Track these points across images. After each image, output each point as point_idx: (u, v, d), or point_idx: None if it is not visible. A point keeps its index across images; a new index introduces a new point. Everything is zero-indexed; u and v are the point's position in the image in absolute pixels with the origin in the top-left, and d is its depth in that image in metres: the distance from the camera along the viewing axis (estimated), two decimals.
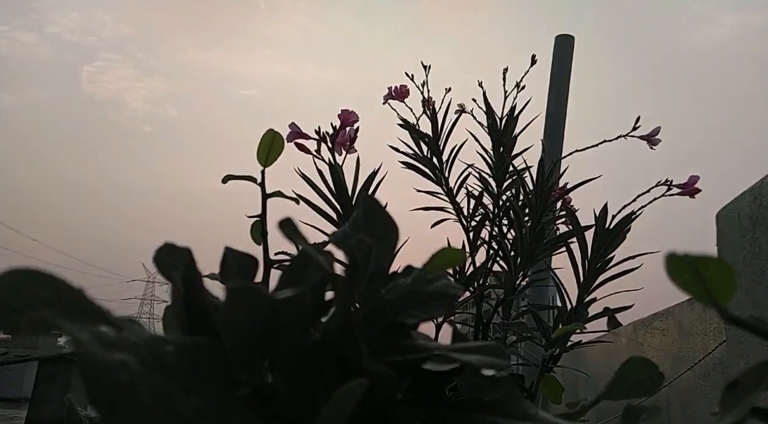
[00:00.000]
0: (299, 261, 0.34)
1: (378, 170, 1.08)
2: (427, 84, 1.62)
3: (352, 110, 1.06)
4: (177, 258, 0.33)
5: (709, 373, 1.36)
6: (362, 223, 0.37)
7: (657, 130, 1.15)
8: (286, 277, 0.34)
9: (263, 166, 0.70)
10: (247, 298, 0.22)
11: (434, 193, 1.61)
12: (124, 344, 0.19)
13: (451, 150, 1.61)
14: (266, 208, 0.70)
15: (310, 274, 0.33)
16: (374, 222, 0.36)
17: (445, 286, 0.32)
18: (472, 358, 0.29)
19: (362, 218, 0.37)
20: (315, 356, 0.24)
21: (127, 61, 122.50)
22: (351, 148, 1.09)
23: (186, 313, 0.29)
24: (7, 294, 0.21)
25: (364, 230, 0.36)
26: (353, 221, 0.38)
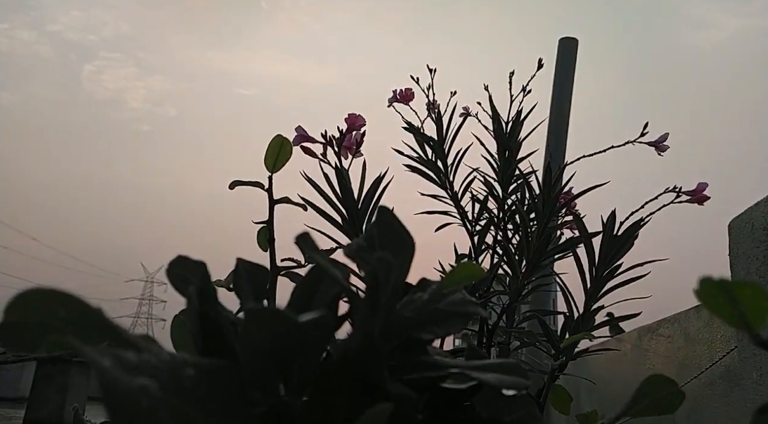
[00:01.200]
0: (314, 274, 0.34)
1: (384, 175, 1.08)
2: (432, 87, 1.62)
3: (359, 114, 1.05)
4: (190, 272, 0.33)
5: (715, 381, 1.35)
6: (377, 235, 0.36)
7: (665, 137, 1.15)
8: (300, 290, 0.33)
9: (271, 171, 0.70)
10: (268, 320, 0.22)
11: (438, 197, 1.60)
12: (145, 367, 0.19)
13: (456, 153, 1.60)
14: (273, 214, 0.70)
15: (325, 288, 0.32)
16: (389, 235, 0.36)
17: (463, 302, 0.32)
18: (491, 377, 0.29)
19: (377, 230, 0.37)
20: (335, 376, 0.24)
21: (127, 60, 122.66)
22: (357, 152, 1.09)
23: (200, 328, 0.29)
24: (26, 313, 0.20)
25: (379, 242, 0.36)
26: (368, 233, 0.37)
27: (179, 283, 0.33)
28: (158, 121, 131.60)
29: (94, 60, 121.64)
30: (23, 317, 0.20)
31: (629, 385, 2.22)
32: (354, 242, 0.37)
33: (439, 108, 1.62)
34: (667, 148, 1.15)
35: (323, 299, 0.31)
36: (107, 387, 0.17)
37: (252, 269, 0.39)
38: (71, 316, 0.21)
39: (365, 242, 0.36)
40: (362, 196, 1.06)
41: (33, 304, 0.20)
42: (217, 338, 0.29)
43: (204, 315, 0.28)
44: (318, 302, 0.31)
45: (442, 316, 0.29)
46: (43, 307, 0.20)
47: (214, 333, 0.29)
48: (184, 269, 0.33)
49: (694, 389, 1.41)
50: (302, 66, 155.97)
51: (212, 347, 0.29)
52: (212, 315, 0.29)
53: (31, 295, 0.20)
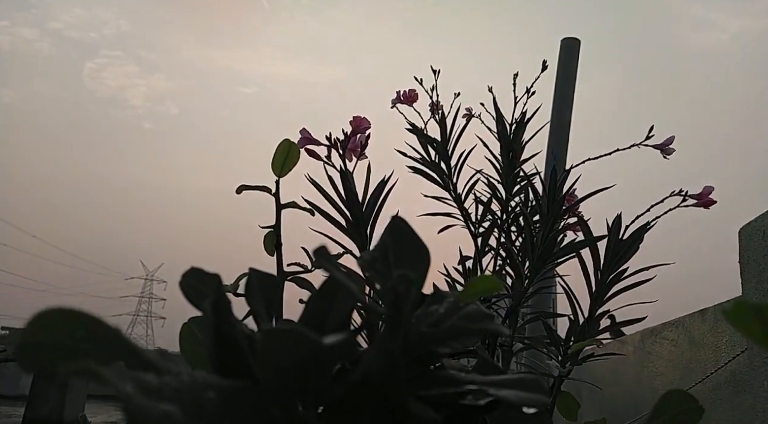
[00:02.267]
0: (329, 287, 0.33)
1: (388, 178, 1.07)
2: (436, 88, 1.61)
3: (364, 116, 1.05)
4: (204, 284, 0.32)
5: (720, 386, 1.35)
6: (391, 245, 0.36)
7: (671, 140, 1.14)
8: (315, 303, 0.33)
9: (278, 176, 0.69)
10: (290, 340, 0.21)
11: (442, 199, 1.60)
12: (167, 391, 0.19)
13: (460, 155, 1.60)
14: (280, 219, 0.69)
15: (341, 301, 0.32)
16: (403, 245, 0.35)
17: (481, 317, 0.31)
18: (511, 394, 0.28)
19: (390, 240, 0.36)
20: (356, 397, 0.23)
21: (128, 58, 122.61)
22: (362, 154, 1.08)
23: (216, 343, 0.28)
24: (45, 333, 0.20)
25: (393, 253, 0.35)
26: (380, 243, 0.37)
27: (192, 294, 0.33)
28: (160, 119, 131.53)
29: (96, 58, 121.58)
30: (42, 338, 0.20)
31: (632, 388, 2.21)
32: (367, 253, 0.36)
33: (443, 109, 1.62)
34: (673, 152, 1.14)
35: (339, 314, 0.31)
36: (131, 414, 0.16)
37: (263, 279, 0.38)
38: (89, 335, 0.20)
39: (379, 253, 0.36)
40: (367, 199, 1.06)
41: (52, 324, 0.20)
42: (233, 354, 0.28)
43: (219, 330, 0.28)
44: (334, 316, 0.31)
45: (460, 332, 0.29)
46: (62, 327, 0.20)
47: (230, 349, 0.28)
48: (197, 280, 0.32)
49: (699, 394, 1.40)
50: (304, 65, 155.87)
51: (228, 363, 0.28)
52: (227, 329, 0.29)
53: (50, 315, 0.20)
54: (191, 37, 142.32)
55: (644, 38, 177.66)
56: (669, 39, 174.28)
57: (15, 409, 9.40)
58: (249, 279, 0.37)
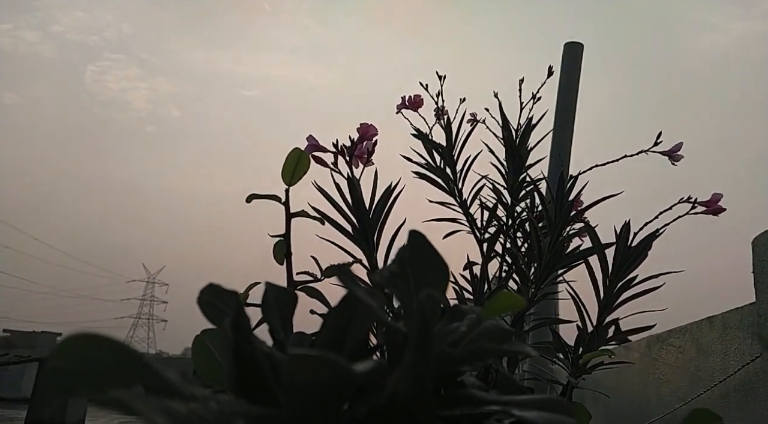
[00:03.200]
0: (347, 303, 0.33)
1: (395, 185, 1.07)
2: (441, 94, 1.61)
3: (371, 124, 1.04)
4: (223, 301, 0.32)
5: (729, 393, 1.34)
6: (409, 260, 0.35)
7: (679, 146, 1.14)
8: (333, 320, 0.32)
9: (288, 184, 0.69)
10: (318, 367, 0.21)
11: (447, 204, 1.59)
12: (195, 420, 0.18)
13: (465, 160, 1.59)
14: (290, 228, 0.69)
15: (360, 318, 0.32)
16: (422, 260, 0.35)
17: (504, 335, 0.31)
18: (535, 415, 0.28)
19: (409, 254, 0.36)
20: (382, 420, 0.23)
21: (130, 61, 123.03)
22: (369, 161, 1.08)
23: (236, 363, 0.28)
24: (70, 359, 0.19)
25: (412, 268, 0.35)
26: (399, 257, 0.36)
27: (210, 310, 0.33)
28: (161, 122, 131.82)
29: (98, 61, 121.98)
30: (68, 363, 0.19)
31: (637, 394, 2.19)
32: (386, 268, 0.36)
33: (448, 115, 1.61)
34: (681, 158, 1.14)
35: (358, 332, 0.30)
36: None
37: (279, 294, 0.38)
38: (115, 361, 0.20)
39: (397, 267, 0.36)
40: (374, 206, 1.05)
41: (78, 349, 0.20)
42: (253, 374, 0.28)
43: (239, 349, 0.28)
44: (353, 334, 0.30)
45: (486, 353, 0.28)
46: (88, 352, 0.20)
47: (250, 369, 0.28)
48: (215, 297, 0.32)
49: (708, 401, 1.39)
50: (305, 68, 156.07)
51: (248, 384, 0.28)
52: (248, 349, 0.29)
53: (76, 340, 0.20)
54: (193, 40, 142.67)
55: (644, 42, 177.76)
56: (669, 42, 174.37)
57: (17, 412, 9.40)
58: (265, 294, 0.37)
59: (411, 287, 0.34)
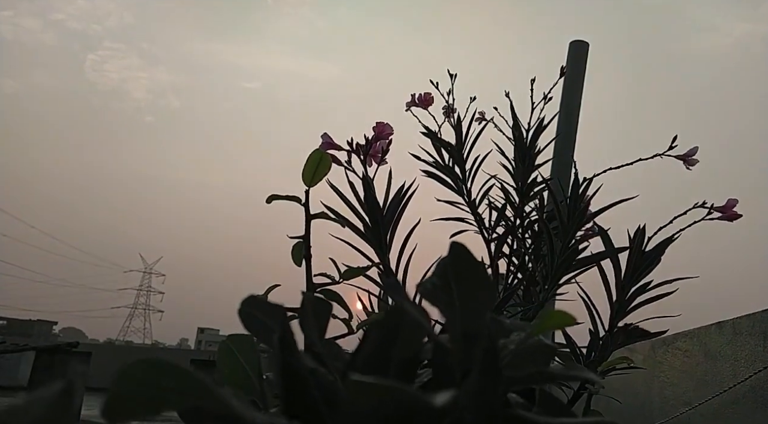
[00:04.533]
0: (393, 319, 0.32)
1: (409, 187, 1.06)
2: (452, 92, 1.60)
3: (387, 123, 1.03)
4: (264, 313, 0.31)
5: (739, 400, 1.33)
6: (452, 274, 0.35)
7: (694, 151, 1.13)
8: (378, 334, 0.31)
9: (308, 186, 0.68)
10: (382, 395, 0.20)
11: (455, 203, 1.58)
12: None
13: (474, 160, 1.58)
14: (310, 229, 0.68)
15: (406, 335, 0.31)
16: (466, 274, 0.34)
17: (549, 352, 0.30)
18: None
19: (451, 267, 0.35)
20: None
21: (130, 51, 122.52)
22: (382, 160, 1.07)
23: (284, 382, 0.27)
24: (132, 384, 0.19)
25: (455, 282, 0.34)
26: (440, 270, 0.35)
27: (251, 322, 0.32)
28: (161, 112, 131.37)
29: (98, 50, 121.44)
30: (130, 388, 0.19)
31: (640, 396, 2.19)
32: (427, 280, 0.35)
33: (458, 113, 1.60)
34: (696, 162, 1.13)
35: (406, 348, 0.30)
36: None
37: (317, 304, 0.37)
38: (176, 385, 0.19)
39: (440, 281, 0.35)
40: (387, 206, 1.04)
41: (139, 375, 0.19)
42: (301, 394, 0.27)
43: (288, 368, 0.27)
44: (400, 350, 0.30)
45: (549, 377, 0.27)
46: (149, 377, 0.19)
47: (298, 388, 0.27)
48: (258, 309, 0.31)
49: (717, 406, 1.39)
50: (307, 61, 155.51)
51: (296, 404, 0.27)
52: (296, 367, 0.28)
53: (138, 366, 0.19)
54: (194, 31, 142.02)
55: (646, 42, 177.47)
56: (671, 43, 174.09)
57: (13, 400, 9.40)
58: (303, 305, 0.36)
59: (456, 302, 0.34)
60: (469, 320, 0.33)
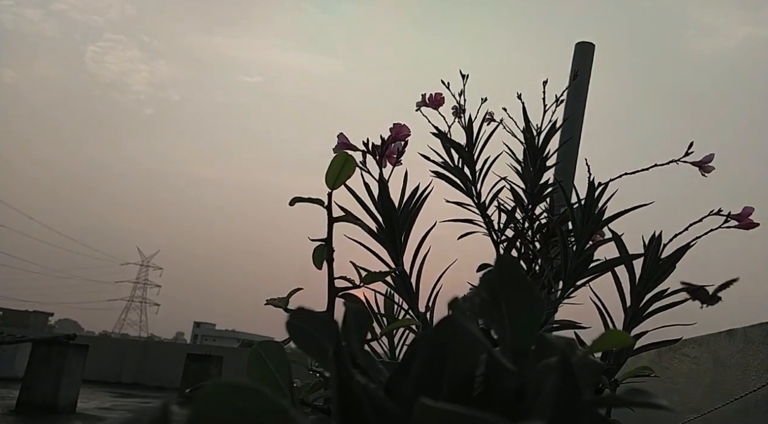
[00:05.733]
0: (442, 332, 0.31)
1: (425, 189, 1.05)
2: (464, 93, 1.59)
3: (404, 124, 1.02)
4: (317, 328, 0.30)
5: (750, 410, 1.33)
6: (500, 289, 0.34)
7: (710, 157, 1.12)
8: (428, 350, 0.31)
9: (331, 188, 0.67)
10: None
11: (464, 205, 1.58)
12: None
13: (484, 161, 1.58)
14: (332, 232, 0.67)
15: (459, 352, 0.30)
16: (514, 289, 0.33)
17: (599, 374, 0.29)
18: None
19: (499, 282, 0.34)
20: None
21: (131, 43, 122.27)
22: (398, 161, 1.06)
23: (341, 401, 0.26)
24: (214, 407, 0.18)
25: (505, 298, 0.33)
26: (486, 283, 0.35)
27: (300, 336, 0.31)
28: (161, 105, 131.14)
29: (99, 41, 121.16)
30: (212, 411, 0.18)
31: None
32: (474, 294, 0.34)
33: (470, 115, 1.59)
34: (712, 170, 1.12)
35: (459, 366, 0.29)
36: None
37: (359, 315, 0.36)
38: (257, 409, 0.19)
39: (487, 295, 0.34)
40: (402, 207, 1.04)
41: (221, 398, 0.18)
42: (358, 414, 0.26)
43: (344, 386, 0.26)
44: (453, 368, 0.29)
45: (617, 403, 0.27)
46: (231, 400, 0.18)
47: (355, 408, 0.26)
48: (308, 322, 0.30)
49: (727, 415, 1.39)
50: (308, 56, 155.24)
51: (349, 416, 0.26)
52: (348, 381, 0.27)
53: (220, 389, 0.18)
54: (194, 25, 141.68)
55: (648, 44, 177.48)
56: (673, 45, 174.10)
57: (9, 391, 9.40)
58: (346, 316, 0.35)
59: (505, 318, 0.33)
60: (519, 336, 0.32)
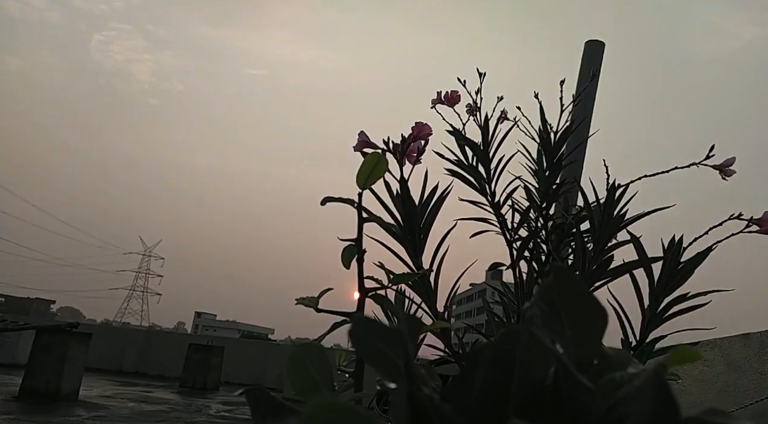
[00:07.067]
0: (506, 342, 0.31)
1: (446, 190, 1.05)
2: (480, 91, 1.58)
3: (426, 123, 1.02)
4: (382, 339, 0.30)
5: (765, 414, 1.33)
6: (560, 301, 0.34)
7: (731, 161, 1.12)
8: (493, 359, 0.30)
9: (361, 188, 0.67)
10: None
11: (478, 204, 1.57)
12: None
13: (499, 160, 1.57)
14: (362, 232, 0.67)
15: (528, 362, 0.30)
16: (576, 302, 0.33)
17: None
18: None
19: (559, 294, 0.34)
20: None
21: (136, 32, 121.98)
22: (417, 160, 1.06)
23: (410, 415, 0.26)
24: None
25: (565, 311, 0.33)
26: (546, 296, 0.34)
27: (364, 347, 0.31)
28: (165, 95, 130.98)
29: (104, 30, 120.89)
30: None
31: None
32: (535, 305, 0.34)
33: (486, 113, 1.59)
34: (733, 173, 1.12)
35: (528, 379, 0.29)
36: None
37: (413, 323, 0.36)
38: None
39: (547, 306, 0.34)
40: (421, 206, 1.03)
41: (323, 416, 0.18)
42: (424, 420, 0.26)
43: (415, 402, 0.26)
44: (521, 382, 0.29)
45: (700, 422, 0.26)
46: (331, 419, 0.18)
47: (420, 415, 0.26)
48: (371, 333, 0.30)
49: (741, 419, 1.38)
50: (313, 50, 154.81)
51: None
52: (418, 395, 0.27)
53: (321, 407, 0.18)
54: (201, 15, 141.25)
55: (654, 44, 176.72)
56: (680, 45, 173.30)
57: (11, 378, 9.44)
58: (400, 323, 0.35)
59: (567, 330, 0.33)
60: (582, 350, 0.32)
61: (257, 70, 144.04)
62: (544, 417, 0.28)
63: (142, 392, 10.25)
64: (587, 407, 0.27)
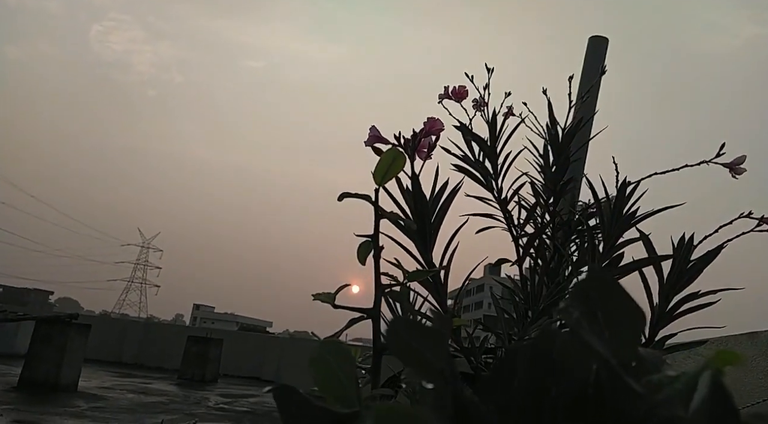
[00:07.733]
0: (546, 339, 0.30)
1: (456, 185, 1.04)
2: (488, 87, 1.57)
3: (438, 118, 1.01)
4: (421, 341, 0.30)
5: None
6: (596, 300, 0.33)
7: (742, 159, 1.11)
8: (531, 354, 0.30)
9: (378, 184, 0.66)
10: None
11: (485, 200, 1.57)
12: None
13: (506, 156, 1.57)
14: (379, 228, 0.67)
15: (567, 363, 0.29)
16: (614, 304, 0.33)
17: None
18: None
19: (594, 293, 0.33)
20: None
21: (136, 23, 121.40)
22: (428, 155, 1.05)
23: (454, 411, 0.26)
24: None
25: (603, 313, 0.33)
26: (582, 296, 0.34)
27: (402, 350, 0.30)
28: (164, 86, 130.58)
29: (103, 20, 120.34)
30: None
31: None
32: (571, 306, 0.34)
33: (494, 108, 1.58)
34: (743, 171, 1.11)
35: (570, 382, 0.28)
36: None
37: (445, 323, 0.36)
38: None
39: (585, 308, 0.33)
40: (431, 202, 1.03)
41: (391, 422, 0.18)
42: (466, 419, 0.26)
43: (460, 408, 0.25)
44: (563, 384, 0.28)
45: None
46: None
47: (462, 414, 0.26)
48: (409, 334, 0.30)
49: None
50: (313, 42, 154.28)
51: None
52: (459, 396, 0.27)
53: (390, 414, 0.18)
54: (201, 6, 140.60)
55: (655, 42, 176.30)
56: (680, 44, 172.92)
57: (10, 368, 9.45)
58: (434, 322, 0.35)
59: (605, 332, 0.32)
60: (621, 352, 0.32)
61: (257, 62, 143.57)
62: (589, 420, 0.27)
63: (141, 383, 10.26)
64: (632, 410, 0.27)
